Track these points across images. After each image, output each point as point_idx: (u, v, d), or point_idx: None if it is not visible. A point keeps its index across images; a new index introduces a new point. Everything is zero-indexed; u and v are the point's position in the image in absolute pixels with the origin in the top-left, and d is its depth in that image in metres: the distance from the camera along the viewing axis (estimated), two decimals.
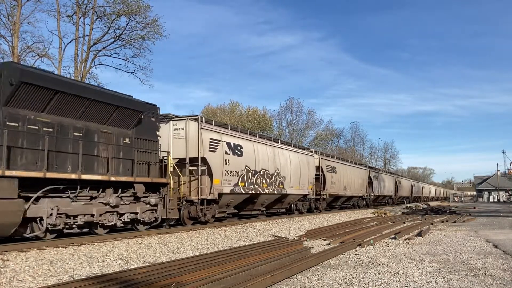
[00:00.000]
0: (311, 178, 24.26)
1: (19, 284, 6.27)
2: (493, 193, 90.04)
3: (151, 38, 30.38)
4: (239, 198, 17.57)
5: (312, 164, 24.78)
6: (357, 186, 33.99)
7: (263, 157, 19.07)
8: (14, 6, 25.83)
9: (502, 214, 27.12)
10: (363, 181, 36.06)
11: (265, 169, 19.06)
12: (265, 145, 19.71)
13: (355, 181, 33.56)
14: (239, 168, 16.95)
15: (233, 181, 16.48)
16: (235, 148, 16.81)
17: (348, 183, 31.41)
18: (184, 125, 15.12)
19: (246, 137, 18.26)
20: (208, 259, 7.97)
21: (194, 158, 14.90)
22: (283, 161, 20.96)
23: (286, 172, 21.15)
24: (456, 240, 12.37)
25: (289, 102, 55.81)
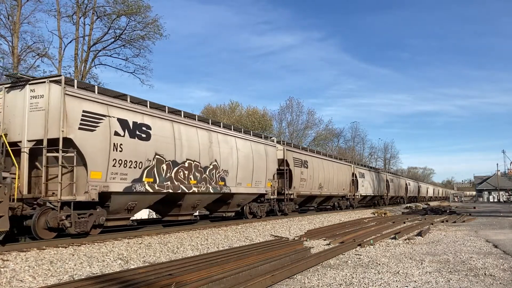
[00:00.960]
0: (270, 174, 19.39)
1: (19, 284, 6.27)
2: (493, 193, 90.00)
3: (151, 38, 30.44)
4: (148, 199, 12.68)
5: (272, 156, 19.85)
6: (337, 184, 29.22)
7: (191, 144, 14.10)
8: (14, 6, 25.85)
9: (502, 214, 27.11)
10: (346, 179, 31.40)
11: (193, 160, 14.08)
12: (194, 128, 14.46)
13: (335, 178, 28.75)
14: (144, 157, 11.98)
15: (131, 175, 11.51)
16: (136, 128, 11.81)
17: (325, 181, 26.61)
18: (45, 91, 10.30)
19: (160, 115, 12.98)
20: (208, 259, 7.97)
21: (56, 139, 10.11)
22: (225, 150, 15.93)
23: (230, 165, 16.20)
24: (456, 240, 12.37)
25: (289, 102, 55.84)
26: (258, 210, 19.04)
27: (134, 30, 30.16)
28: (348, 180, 31.82)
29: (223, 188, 15.73)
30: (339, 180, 29.58)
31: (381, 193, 42.05)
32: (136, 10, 28.95)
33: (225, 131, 16.44)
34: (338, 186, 29.60)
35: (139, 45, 30.54)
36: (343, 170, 31.15)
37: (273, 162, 19.90)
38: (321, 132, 58.31)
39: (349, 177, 32.33)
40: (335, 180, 28.71)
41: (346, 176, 31.59)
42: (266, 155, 19.29)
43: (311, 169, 24.54)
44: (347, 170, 32.17)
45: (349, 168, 32.71)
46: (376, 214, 28.56)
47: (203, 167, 14.66)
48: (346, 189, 31.44)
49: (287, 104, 55.88)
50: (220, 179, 15.64)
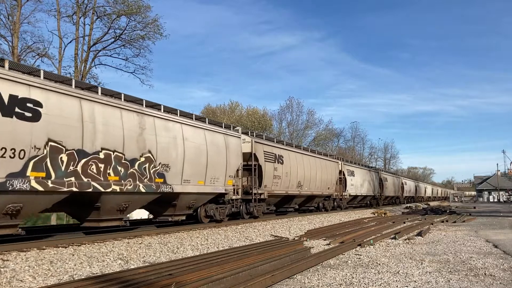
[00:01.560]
0: (232, 170, 16.53)
1: (19, 284, 6.27)
2: (493, 193, 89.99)
3: (151, 38, 30.43)
4: (39, 200, 9.55)
5: (235, 149, 16.93)
6: (321, 183, 26.26)
7: (111, 130, 11.06)
8: (14, 6, 25.85)
9: (502, 214, 27.11)
10: (332, 177, 28.24)
11: (113, 150, 11.07)
12: (118, 109, 11.40)
13: (319, 176, 25.69)
14: (27, 143, 8.98)
15: (3, 167, 8.52)
16: (15, 103, 8.81)
17: (305, 179, 23.61)
18: None
19: (60, 89, 9.93)
20: (208, 259, 7.97)
21: None
22: (165, 139, 12.96)
23: (174, 158, 13.23)
24: (456, 240, 12.37)
25: (289, 102, 55.87)
26: (217, 212, 15.96)
27: (134, 30, 30.17)
28: (334, 178, 28.78)
29: (161, 187, 12.59)
30: (323, 178, 26.50)
31: (375, 193, 39.27)
32: (136, 10, 28.95)
33: (165, 116, 13.26)
34: (322, 185, 26.55)
35: (139, 45, 30.56)
36: (329, 167, 28.04)
37: (236, 156, 16.88)
38: (321, 132, 58.39)
39: (336, 175, 29.27)
40: (318, 178, 25.62)
41: (332, 173, 28.48)
42: (227, 147, 16.25)
43: (287, 166, 21.51)
44: (334, 167, 29.20)
45: (335, 165, 29.73)
46: (376, 214, 28.57)
47: (130, 159, 11.52)
48: (332, 188, 28.46)
49: (287, 104, 55.96)
50: (157, 176, 12.54)
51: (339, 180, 29.98)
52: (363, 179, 35.59)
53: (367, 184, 36.47)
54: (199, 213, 15.68)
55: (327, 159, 28.57)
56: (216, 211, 15.99)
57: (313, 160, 25.60)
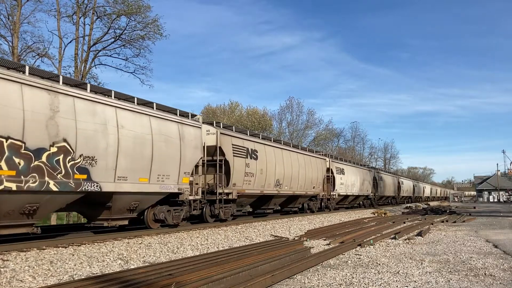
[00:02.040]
0: (188, 166, 13.94)
1: (19, 284, 6.27)
2: (493, 193, 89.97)
3: (151, 38, 30.45)
4: None
5: (193, 141, 14.29)
6: (305, 181, 23.96)
7: (5, 111, 8.76)
8: (14, 6, 25.86)
9: (502, 214, 27.12)
10: (318, 175, 25.95)
11: (6, 136, 8.75)
12: (16, 84, 9.09)
13: (302, 174, 23.43)
14: None
15: None
16: None
17: (285, 177, 21.25)
18: None
19: None
20: (208, 259, 7.97)
21: None
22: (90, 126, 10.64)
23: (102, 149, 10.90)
24: (456, 240, 12.37)
25: (289, 102, 55.84)
26: (169, 216, 13.65)
27: (134, 30, 30.19)
28: (321, 177, 26.52)
29: (84, 185, 10.25)
30: (307, 176, 24.18)
31: (368, 193, 37.37)
32: (136, 10, 28.97)
33: (92, 97, 10.79)
34: (307, 184, 24.23)
35: (139, 45, 30.57)
36: (314, 164, 25.61)
37: (194, 149, 14.32)
38: (321, 132, 58.35)
39: (323, 173, 27.03)
40: (301, 177, 23.33)
41: (318, 171, 26.14)
42: (182, 138, 13.73)
43: (263, 161, 19.03)
44: (320, 164, 26.79)
45: (322, 162, 27.32)
46: (376, 214, 28.58)
47: (33, 149, 9.16)
48: (318, 188, 26.15)
49: (287, 104, 55.95)
50: (78, 171, 10.17)
51: (327, 179, 27.97)
52: (354, 177, 33.50)
53: (359, 183, 34.42)
54: (146, 216, 13.20)
55: (312, 155, 26.26)
56: (168, 214, 13.58)
57: (295, 156, 23.13)
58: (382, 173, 45.67)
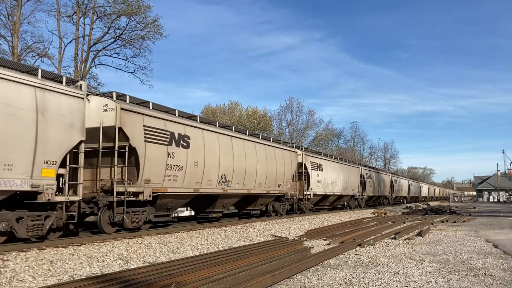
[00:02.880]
0: (53, 152, 9.73)
1: (19, 284, 6.27)
2: (493, 193, 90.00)
3: (151, 38, 30.47)
4: None
5: (62, 117, 10.01)
6: (266, 178, 19.57)
7: None
8: (14, 6, 25.88)
9: (502, 214, 27.11)
10: (285, 170, 21.49)
11: None
12: None
13: (263, 169, 19.18)
14: None
15: None
16: None
17: (235, 172, 17.01)
18: None
19: None
20: (208, 259, 7.97)
21: None
22: None
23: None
24: (456, 240, 12.37)
25: (289, 102, 55.83)
26: (21, 227, 9.34)
27: (134, 30, 30.21)
28: (289, 173, 22.08)
29: None
30: (270, 171, 19.89)
31: (354, 192, 33.53)
32: (136, 10, 28.98)
33: None
34: (269, 181, 19.82)
35: (139, 45, 30.60)
36: (280, 158, 21.19)
37: (68, 128, 10.14)
38: (321, 132, 58.35)
39: (292, 168, 22.50)
40: (260, 172, 19.02)
41: (286, 166, 21.69)
42: (41, 112, 9.50)
43: (199, 151, 14.84)
44: (289, 158, 22.32)
45: (292, 156, 22.77)
46: (376, 214, 28.58)
47: None
48: (286, 186, 21.80)
49: (287, 104, 55.94)
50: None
51: (299, 175, 23.82)
52: (336, 174, 29.19)
53: (342, 181, 30.13)
54: None
55: (278, 146, 21.59)
56: (19, 225, 9.32)
57: (252, 146, 18.71)
58: (371, 170, 40.98)
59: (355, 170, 34.57)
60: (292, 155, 22.99)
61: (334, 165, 29.51)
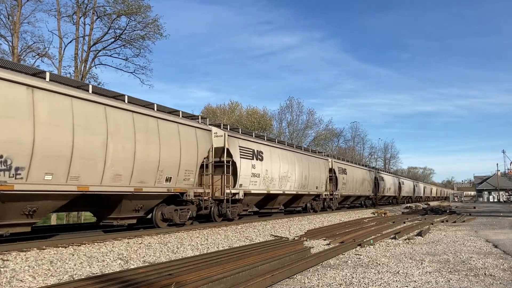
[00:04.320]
0: None
1: (19, 284, 6.27)
2: (493, 193, 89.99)
3: (151, 38, 30.43)
4: None
5: None
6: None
7: None
8: (14, 6, 25.86)
9: (502, 214, 27.11)
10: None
11: None
12: None
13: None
14: None
15: None
16: None
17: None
18: None
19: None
20: (208, 259, 7.97)
21: None
22: None
23: None
24: (456, 240, 12.36)
25: (289, 102, 55.76)
26: None
27: (134, 30, 30.17)
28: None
29: None
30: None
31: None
32: (136, 10, 28.96)
33: None
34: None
35: (139, 45, 30.55)
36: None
37: None
38: (321, 132, 58.30)
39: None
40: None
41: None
42: None
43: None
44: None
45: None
46: (376, 214, 28.58)
47: None
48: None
49: (287, 104, 55.86)
50: None
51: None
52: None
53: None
54: None
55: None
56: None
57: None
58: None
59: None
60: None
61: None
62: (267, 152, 19.17)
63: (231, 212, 16.39)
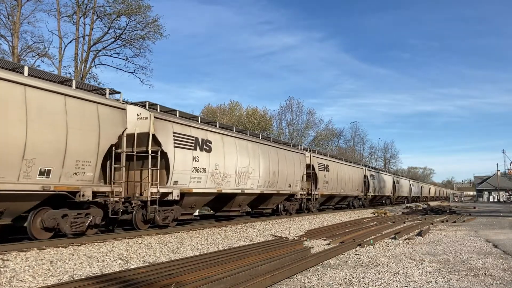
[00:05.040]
0: None
1: (19, 284, 6.27)
2: (493, 193, 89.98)
3: (151, 38, 30.48)
4: None
5: None
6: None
7: None
8: (14, 6, 25.87)
9: (502, 214, 27.10)
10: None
11: None
12: None
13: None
14: None
15: None
16: None
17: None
18: None
19: None
20: (208, 259, 7.97)
21: None
22: None
23: None
24: (456, 240, 12.36)
25: (289, 102, 55.81)
26: None
27: (134, 30, 30.23)
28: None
29: None
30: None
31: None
32: (136, 10, 28.98)
33: None
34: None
35: (139, 45, 30.61)
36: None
37: None
38: (321, 132, 58.34)
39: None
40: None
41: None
42: None
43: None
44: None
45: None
46: (376, 214, 28.58)
47: None
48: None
49: (287, 104, 55.92)
50: None
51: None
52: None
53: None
54: None
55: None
56: None
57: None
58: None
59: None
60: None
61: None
62: (219, 141, 15.47)
63: (162, 217, 13.17)
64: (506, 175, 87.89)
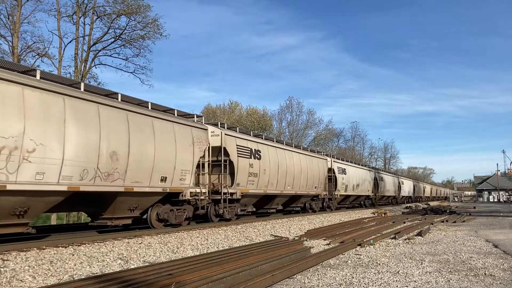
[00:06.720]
0: None
1: (19, 284, 6.27)
2: (493, 193, 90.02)
3: (151, 38, 30.44)
4: None
5: None
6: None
7: None
8: (14, 6, 25.85)
9: (502, 214, 27.11)
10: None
11: None
12: None
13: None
14: None
15: None
16: None
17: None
18: None
19: None
20: (208, 259, 7.97)
21: None
22: None
23: None
24: (456, 240, 12.36)
25: (289, 102, 55.84)
26: None
27: (134, 30, 30.17)
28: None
29: None
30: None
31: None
32: (136, 9, 28.96)
33: None
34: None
35: (139, 45, 30.56)
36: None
37: None
38: (321, 132, 58.35)
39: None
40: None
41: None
42: None
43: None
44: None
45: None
46: (376, 214, 28.58)
47: None
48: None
49: (287, 104, 55.97)
50: None
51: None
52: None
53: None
54: None
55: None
56: None
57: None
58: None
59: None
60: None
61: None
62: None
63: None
64: (506, 175, 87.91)
